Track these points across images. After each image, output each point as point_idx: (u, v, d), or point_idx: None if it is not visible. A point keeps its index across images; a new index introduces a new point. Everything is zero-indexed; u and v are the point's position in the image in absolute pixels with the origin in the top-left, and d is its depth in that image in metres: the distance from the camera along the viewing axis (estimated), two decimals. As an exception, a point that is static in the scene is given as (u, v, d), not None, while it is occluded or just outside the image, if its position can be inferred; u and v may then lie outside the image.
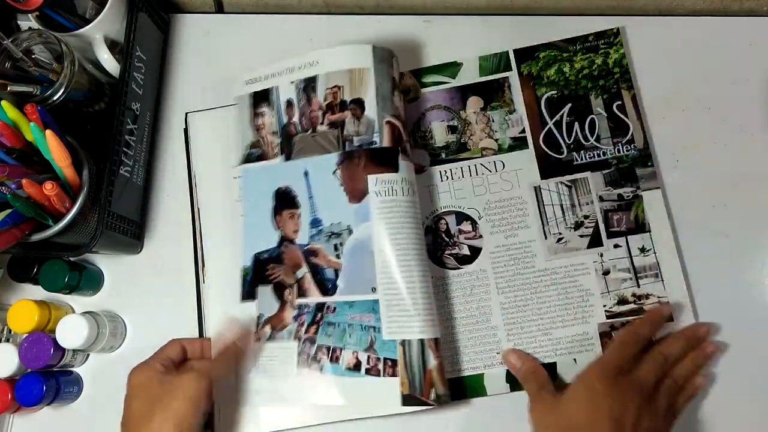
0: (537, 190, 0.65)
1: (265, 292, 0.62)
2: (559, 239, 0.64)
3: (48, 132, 0.55)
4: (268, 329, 0.61)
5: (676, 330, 0.61)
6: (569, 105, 0.67)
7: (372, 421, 0.59)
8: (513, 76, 0.68)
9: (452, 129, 0.68)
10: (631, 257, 0.63)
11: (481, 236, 0.65)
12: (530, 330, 0.62)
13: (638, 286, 0.62)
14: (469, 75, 0.69)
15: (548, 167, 0.66)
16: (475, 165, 0.67)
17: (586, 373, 0.56)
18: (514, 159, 0.66)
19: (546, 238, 0.64)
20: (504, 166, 0.66)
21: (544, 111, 0.67)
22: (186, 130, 0.71)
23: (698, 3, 0.72)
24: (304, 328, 0.60)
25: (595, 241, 0.64)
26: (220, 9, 0.77)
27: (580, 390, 0.54)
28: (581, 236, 0.64)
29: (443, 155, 0.67)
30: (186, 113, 0.71)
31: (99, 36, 0.64)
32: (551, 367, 0.61)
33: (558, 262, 0.63)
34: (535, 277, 0.63)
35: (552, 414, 0.54)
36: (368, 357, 0.58)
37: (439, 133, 0.68)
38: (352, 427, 0.60)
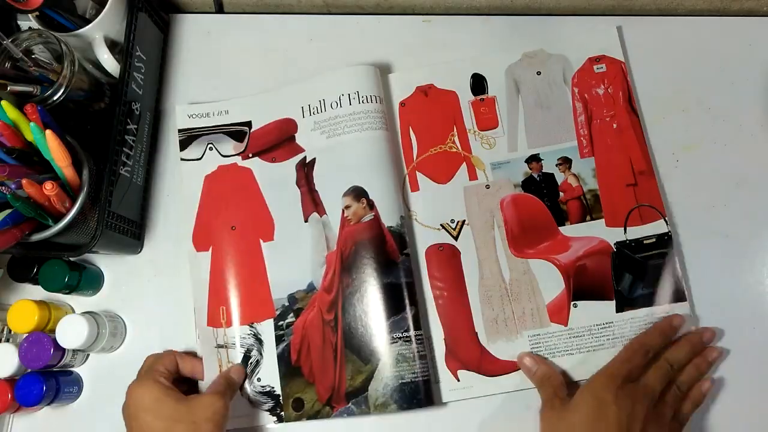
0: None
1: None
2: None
3: (48, 132, 0.55)
4: None
5: (682, 336, 0.60)
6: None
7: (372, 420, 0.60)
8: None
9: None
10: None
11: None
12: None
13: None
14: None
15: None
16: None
17: (594, 382, 0.55)
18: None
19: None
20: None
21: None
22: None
23: (698, 3, 0.72)
24: None
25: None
26: (220, 9, 0.77)
27: (587, 399, 0.54)
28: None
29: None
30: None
31: (99, 36, 0.64)
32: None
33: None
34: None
35: (559, 422, 0.54)
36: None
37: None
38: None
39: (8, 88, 0.60)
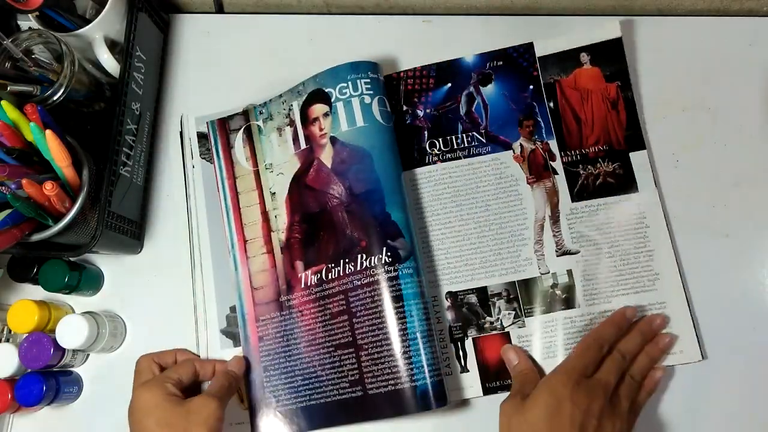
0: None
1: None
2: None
3: (48, 132, 0.55)
4: None
5: (633, 325, 0.60)
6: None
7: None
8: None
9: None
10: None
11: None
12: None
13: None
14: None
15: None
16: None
17: (551, 379, 0.56)
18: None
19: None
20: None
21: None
22: (182, 133, 0.71)
23: (698, 3, 0.72)
24: None
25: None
26: (220, 9, 0.77)
27: (544, 396, 0.54)
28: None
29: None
30: (181, 116, 0.71)
31: (99, 36, 0.64)
32: None
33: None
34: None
35: (515, 414, 0.54)
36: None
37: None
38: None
39: (8, 88, 0.60)
